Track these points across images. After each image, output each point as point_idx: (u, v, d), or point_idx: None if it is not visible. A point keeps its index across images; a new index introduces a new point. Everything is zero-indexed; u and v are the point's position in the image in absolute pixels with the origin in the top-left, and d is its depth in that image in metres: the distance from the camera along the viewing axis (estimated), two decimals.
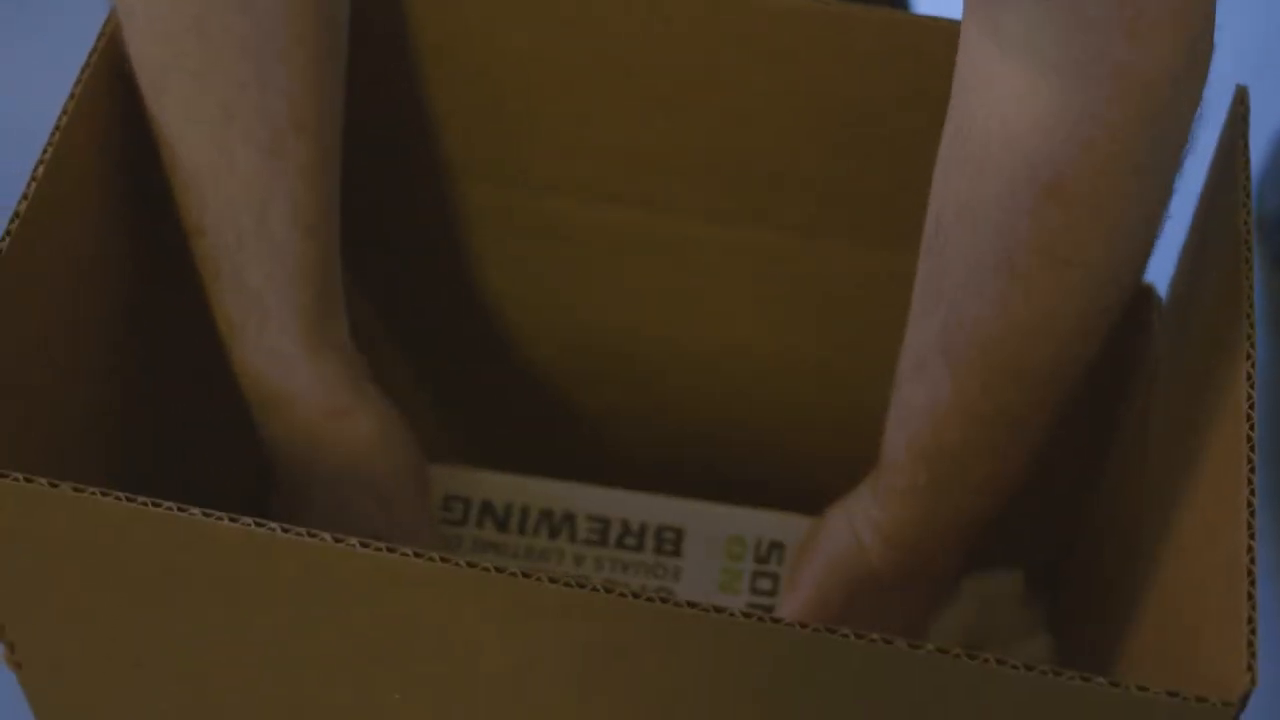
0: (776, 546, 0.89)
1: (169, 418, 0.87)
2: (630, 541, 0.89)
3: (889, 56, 0.78)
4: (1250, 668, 0.59)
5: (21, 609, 0.69)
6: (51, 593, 0.68)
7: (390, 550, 0.61)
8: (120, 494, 0.62)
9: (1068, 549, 0.97)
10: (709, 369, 0.93)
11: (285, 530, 0.61)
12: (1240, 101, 0.75)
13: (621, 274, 0.90)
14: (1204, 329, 0.75)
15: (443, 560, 0.61)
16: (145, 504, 0.62)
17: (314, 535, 0.61)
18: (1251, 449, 0.64)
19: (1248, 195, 0.72)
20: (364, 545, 0.61)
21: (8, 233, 0.69)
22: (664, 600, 0.60)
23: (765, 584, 0.88)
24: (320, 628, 0.66)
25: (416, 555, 0.61)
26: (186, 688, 0.71)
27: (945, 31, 0.77)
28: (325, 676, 0.68)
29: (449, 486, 0.90)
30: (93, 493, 0.62)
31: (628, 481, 0.98)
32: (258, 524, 0.61)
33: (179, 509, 0.62)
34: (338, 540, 0.61)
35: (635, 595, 0.60)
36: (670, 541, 0.89)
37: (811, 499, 0.97)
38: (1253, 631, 0.60)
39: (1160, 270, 0.83)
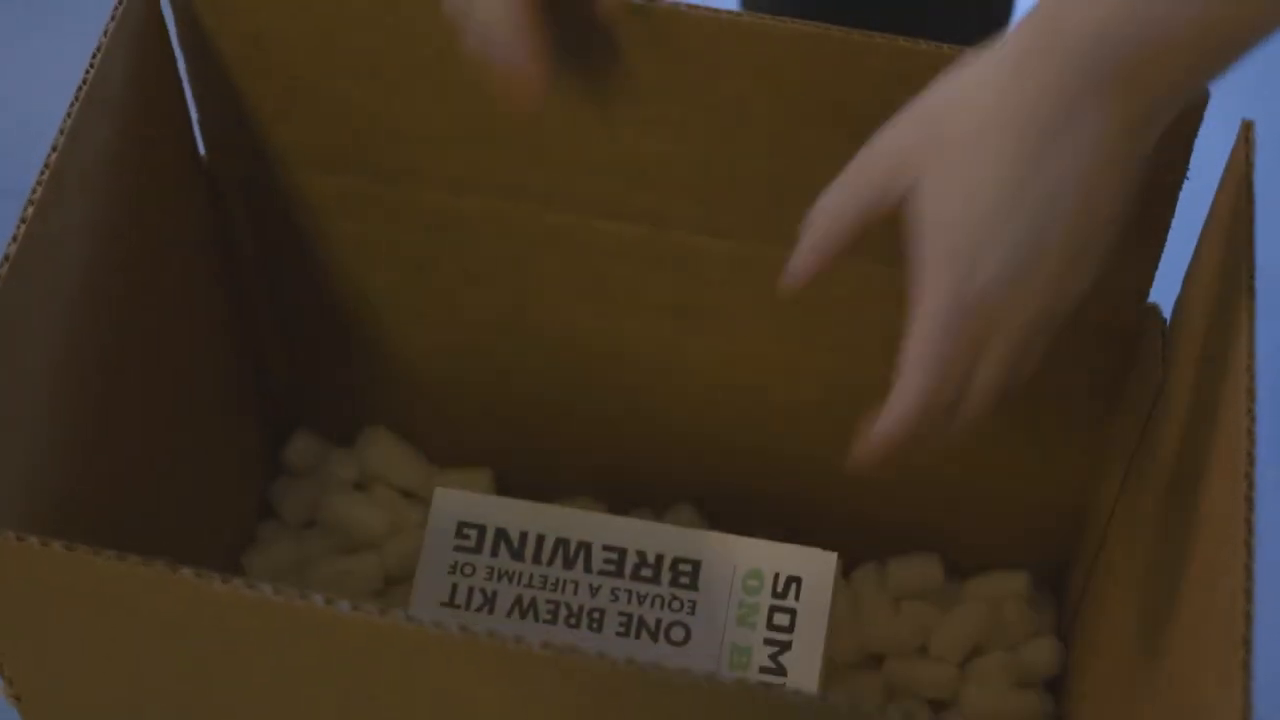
0: (794, 581, 0.88)
1: (169, 446, 0.88)
2: (646, 573, 0.88)
3: (891, 81, 0.77)
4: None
5: (19, 649, 0.69)
6: (48, 636, 0.68)
7: (382, 613, 0.60)
8: (111, 552, 0.61)
9: (1072, 555, 0.97)
10: (713, 381, 0.93)
11: (278, 592, 0.61)
12: (1245, 137, 0.75)
13: (624, 287, 0.89)
14: (1207, 349, 0.75)
15: (434, 625, 0.60)
16: (137, 563, 0.61)
17: (305, 597, 0.61)
18: (1250, 486, 0.64)
19: (1251, 221, 0.73)
20: (355, 608, 0.60)
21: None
22: (655, 668, 0.59)
23: (782, 619, 0.87)
24: (314, 681, 0.66)
25: (408, 619, 0.60)
26: None
27: (950, 59, 0.76)
28: None
29: (463, 513, 0.89)
30: (84, 551, 0.61)
31: (634, 498, 0.98)
32: (249, 585, 0.61)
33: (170, 568, 0.61)
34: (329, 602, 0.61)
35: (628, 662, 0.59)
36: (686, 574, 0.88)
37: (819, 515, 0.97)
38: (1247, 679, 0.60)
39: (1166, 291, 0.84)
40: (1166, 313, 0.84)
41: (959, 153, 0.68)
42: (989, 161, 0.67)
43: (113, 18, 0.77)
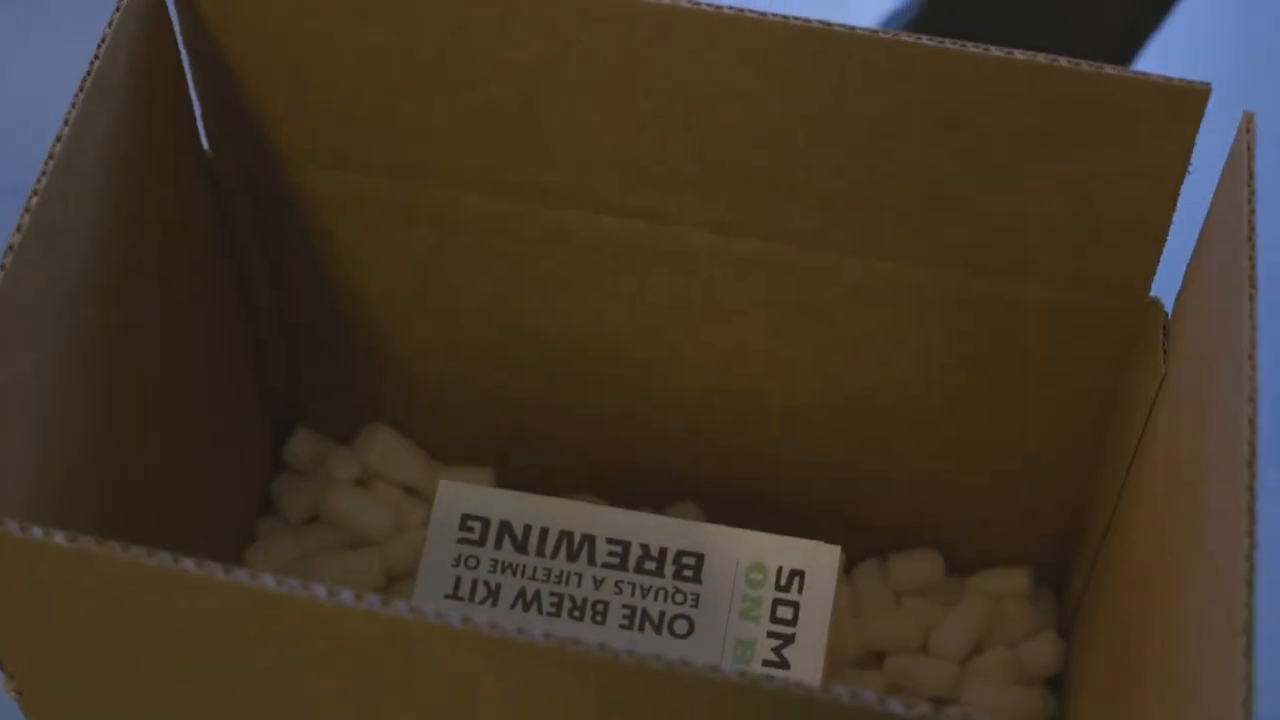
0: (797, 574, 0.88)
1: (169, 442, 0.87)
2: (650, 566, 0.88)
3: (895, 79, 0.78)
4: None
5: (20, 644, 0.69)
6: (50, 631, 0.68)
7: (384, 604, 0.60)
8: (116, 544, 0.62)
9: (1074, 551, 0.97)
10: (712, 381, 0.93)
11: (279, 583, 0.61)
12: (1247, 128, 0.75)
13: (625, 283, 0.90)
14: (1208, 342, 0.74)
15: (436, 616, 0.60)
16: (140, 554, 0.61)
17: (307, 589, 0.61)
18: (1252, 477, 0.64)
19: (1253, 214, 0.72)
20: (358, 599, 0.60)
21: (1, 266, 0.68)
22: (658, 660, 0.59)
23: (786, 612, 0.87)
24: (317, 672, 0.66)
25: (410, 610, 0.60)
26: None
27: (952, 55, 0.77)
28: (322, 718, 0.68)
29: (467, 505, 0.89)
30: (87, 543, 0.61)
31: (634, 497, 0.98)
32: (252, 576, 0.61)
33: (173, 559, 0.61)
34: (332, 594, 0.61)
35: (629, 654, 0.59)
36: (690, 567, 0.88)
37: (819, 515, 0.97)
38: (1249, 667, 0.59)
39: (1168, 285, 0.84)
40: (1169, 307, 0.85)
41: None
42: None
43: (117, 9, 0.77)
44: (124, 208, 0.79)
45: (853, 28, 0.77)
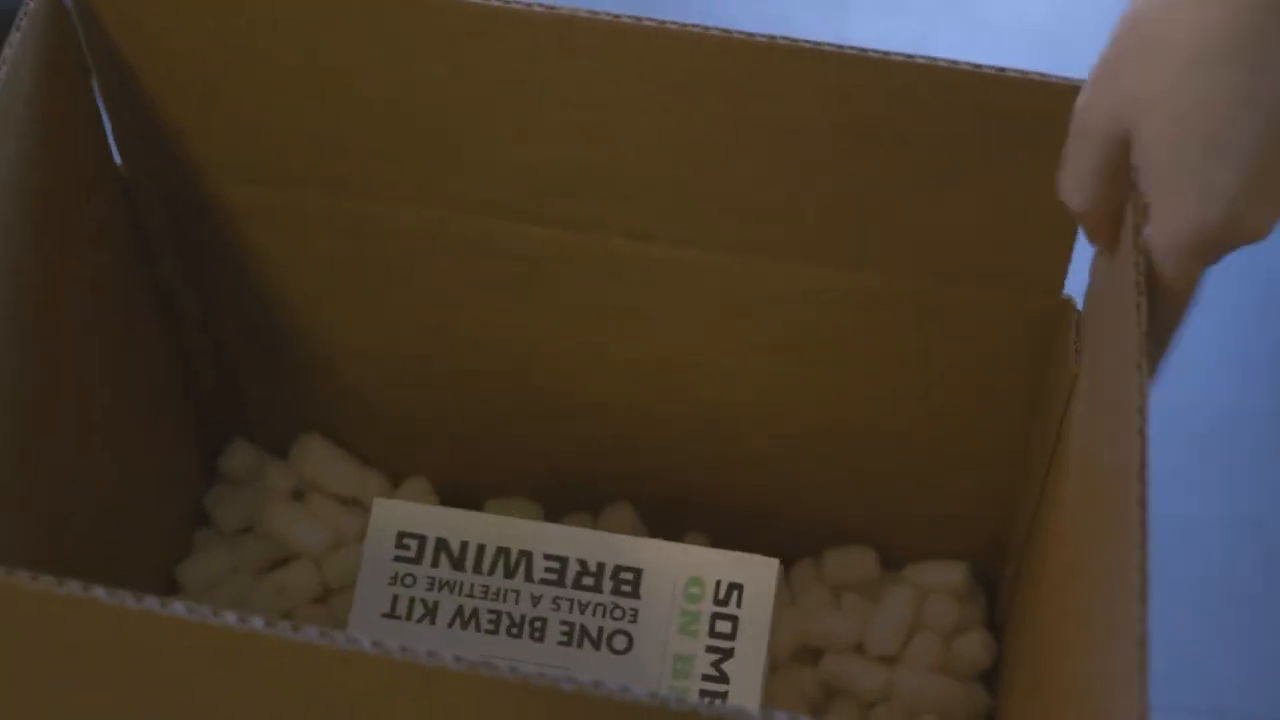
0: (735, 588, 0.87)
1: (99, 457, 0.87)
2: (588, 581, 0.87)
3: (807, 86, 0.77)
4: None
5: None
6: None
7: (323, 635, 0.60)
8: (26, 572, 0.61)
9: (1005, 550, 0.97)
10: (645, 383, 0.93)
11: (190, 610, 0.60)
12: None
13: (553, 291, 0.89)
14: (1109, 342, 0.74)
15: (347, 641, 0.60)
16: (77, 588, 0.61)
17: (218, 615, 0.60)
18: (1143, 486, 0.64)
19: (1139, 215, 0.72)
20: (296, 629, 0.60)
21: None
22: (571, 682, 0.59)
23: (724, 626, 0.87)
24: (241, 699, 0.65)
25: (322, 635, 0.60)
26: None
27: (859, 61, 0.76)
28: None
29: (403, 523, 0.89)
30: (12, 575, 0.61)
31: (571, 500, 0.98)
32: (163, 604, 0.60)
33: (108, 593, 0.61)
34: (242, 620, 0.60)
35: (539, 675, 0.59)
36: (628, 582, 0.87)
37: (756, 514, 0.97)
38: (1144, 679, 0.59)
39: (1081, 283, 0.83)
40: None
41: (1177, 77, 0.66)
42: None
43: (16, 28, 0.76)
44: (37, 227, 0.79)
45: (751, 35, 0.76)
